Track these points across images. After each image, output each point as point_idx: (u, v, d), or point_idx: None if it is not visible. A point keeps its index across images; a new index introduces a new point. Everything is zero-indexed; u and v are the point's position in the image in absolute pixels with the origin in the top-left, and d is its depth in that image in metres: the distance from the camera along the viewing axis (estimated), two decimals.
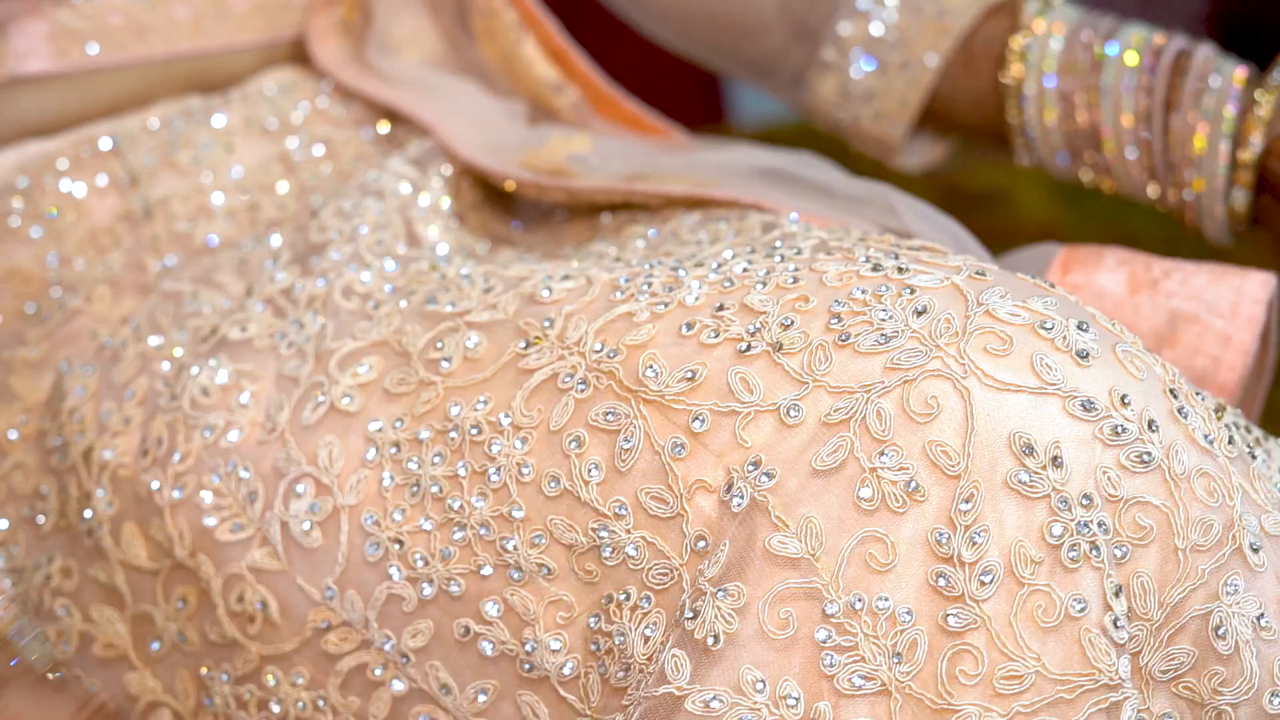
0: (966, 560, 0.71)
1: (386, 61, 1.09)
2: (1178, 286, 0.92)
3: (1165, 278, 0.93)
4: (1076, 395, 0.73)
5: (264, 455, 0.83)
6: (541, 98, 1.11)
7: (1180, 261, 0.94)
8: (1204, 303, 0.92)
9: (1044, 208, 2.60)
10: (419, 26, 1.13)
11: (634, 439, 0.76)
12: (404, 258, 0.89)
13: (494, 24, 1.10)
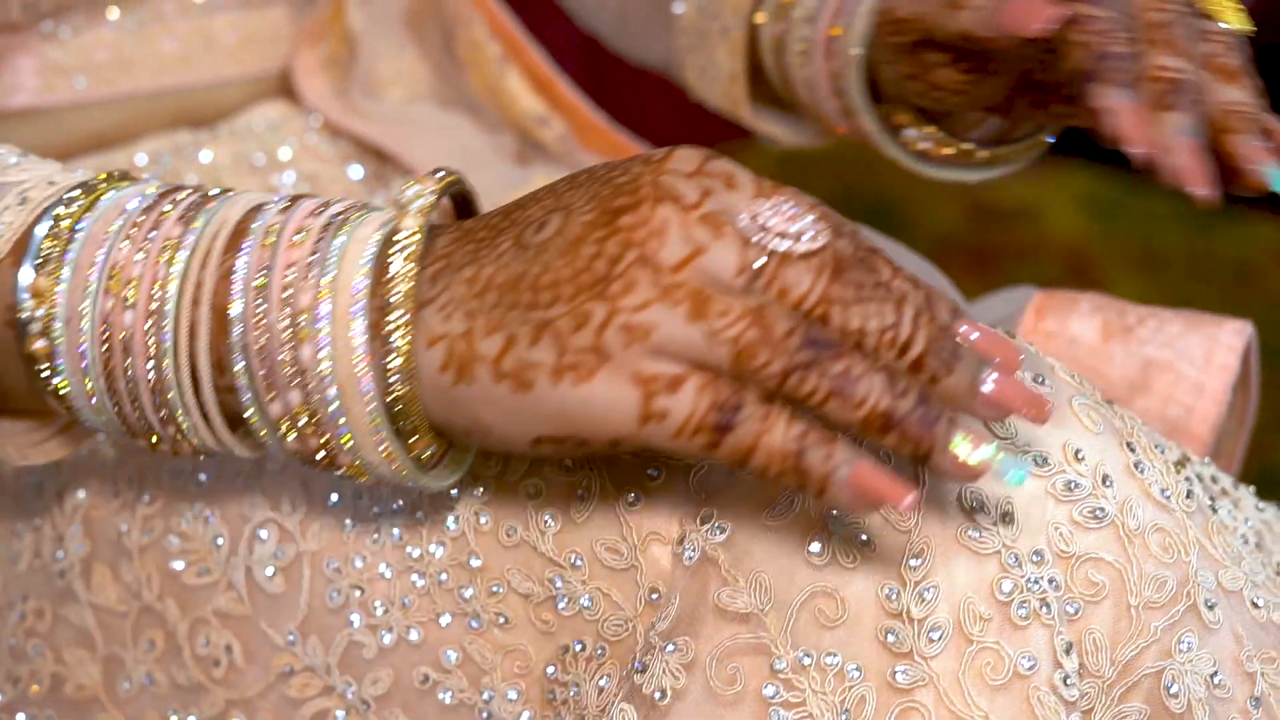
0: (915, 616, 0.72)
1: (370, 102, 1.11)
2: (1152, 334, 0.94)
3: (1140, 325, 0.94)
4: (1029, 450, 0.74)
5: (230, 499, 0.85)
6: (527, 130, 1.13)
7: (1155, 308, 0.96)
8: (1178, 351, 0.93)
9: (1071, 224, 2.61)
10: (404, 61, 1.15)
11: (590, 489, 0.78)
12: None
13: (478, 56, 1.12)
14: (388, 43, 1.14)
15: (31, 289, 0.74)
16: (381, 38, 1.14)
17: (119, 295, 0.73)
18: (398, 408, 0.72)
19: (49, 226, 0.75)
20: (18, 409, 0.81)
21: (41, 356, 0.75)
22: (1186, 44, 0.78)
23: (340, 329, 0.71)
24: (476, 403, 0.71)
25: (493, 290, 0.71)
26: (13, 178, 0.77)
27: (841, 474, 0.67)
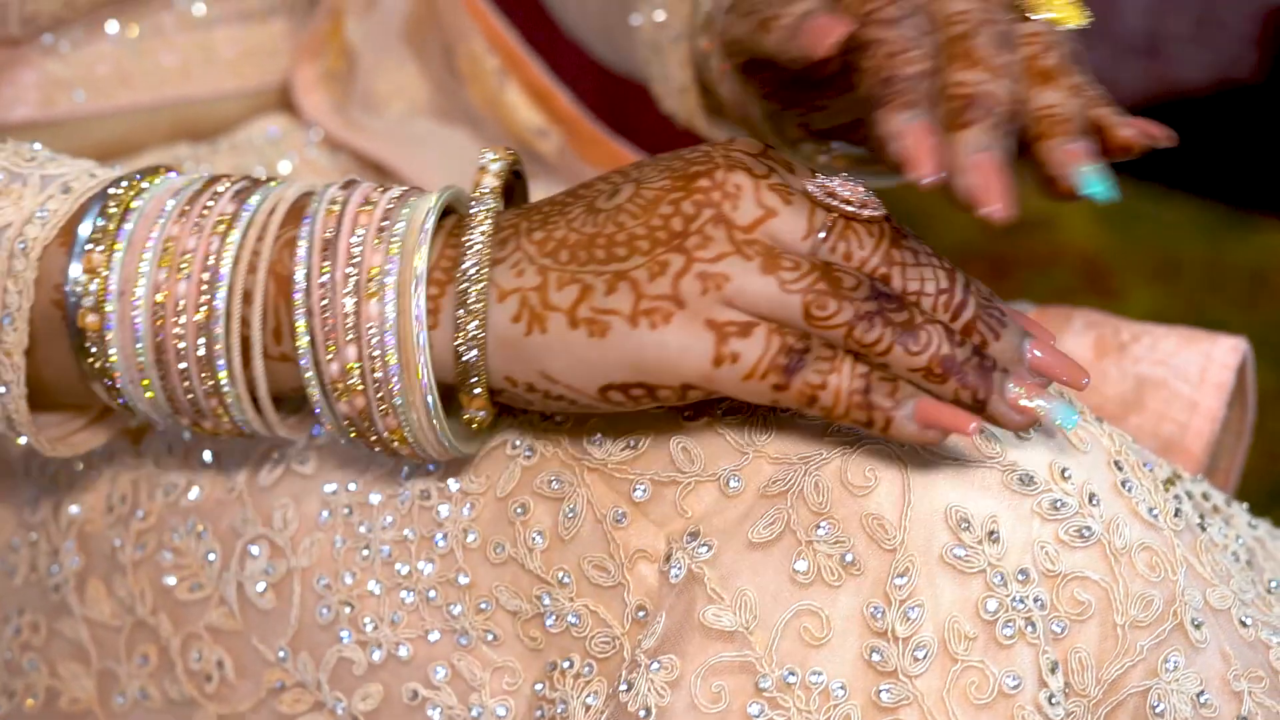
0: (900, 635, 0.73)
1: (369, 117, 1.12)
2: (1146, 351, 0.94)
3: (1134, 342, 0.95)
4: (1015, 469, 0.75)
5: (222, 515, 0.86)
6: (526, 142, 1.14)
7: (1150, 325, 0.96)
8: (1172, 368, 0.94)
9: (1086, 234, 2.62)
10: (404, 75, 1.16)
11: (577, 507, 0.78)
12: None
13: (477, 69, 1.13)
14: (387, 57, 1.15)
15: (85, 264, 0.78)
16: (380, 52, 1.15)
17: (173, 266, 0.77)
18: (461, 365, 0.76)
19: (100, 208, 0.78)
20: (53, 404, 0.83)
21: (92, 331, 0.78)
22: (991, 53, 0.71)
23: (405, 285, 0.75)
24: (548, 352, 0.75)
25: (565, 249, 0.75)
26: (53, 170, 0.80)
27: (907, 408, 0.72)
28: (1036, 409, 0.73)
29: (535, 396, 0.77)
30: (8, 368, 0.79)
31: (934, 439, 0.73)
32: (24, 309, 0.79)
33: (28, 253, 0.78)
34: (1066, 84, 0.73)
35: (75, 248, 0.78)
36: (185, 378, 0.78)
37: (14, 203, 0.79)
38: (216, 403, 0.79)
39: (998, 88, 0.71)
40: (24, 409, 0.81)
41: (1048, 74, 0.73)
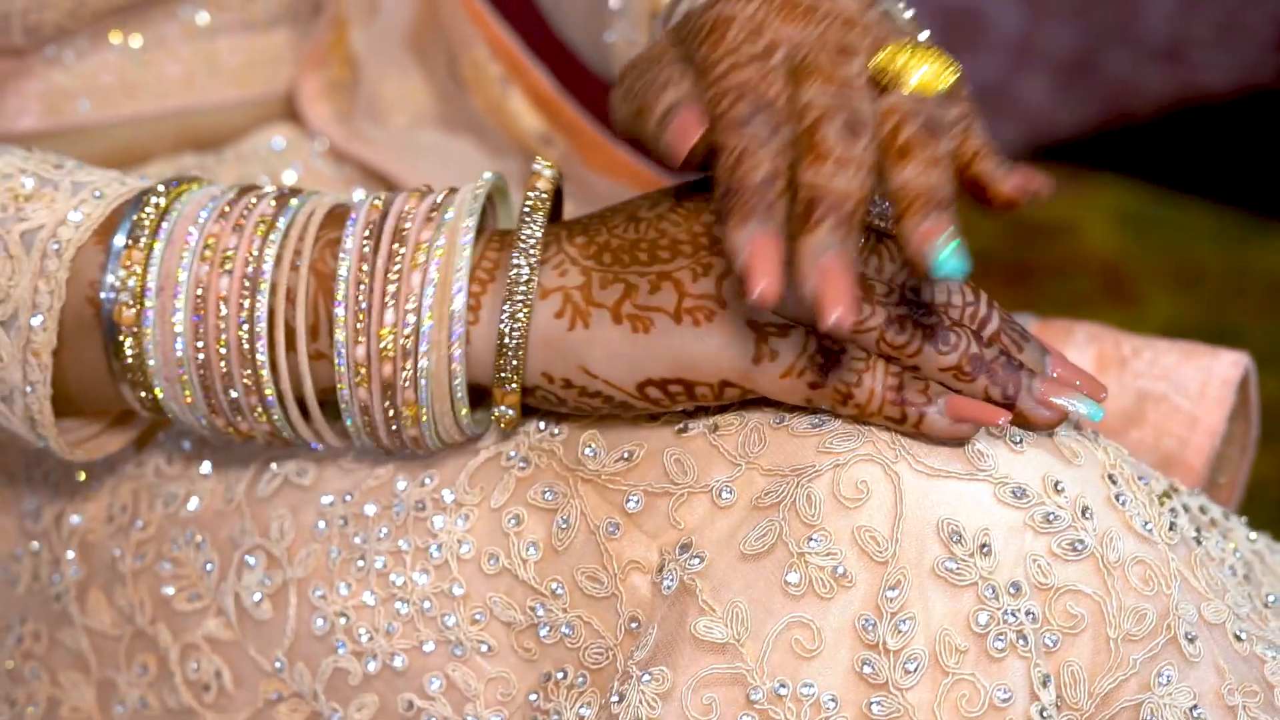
0: (892, 648, 0.74)
1: (375, 127, 1.13)
2: (1146, 366, 0.95)
3: (1135, 356, 0.95)
4: (1007, 482, 0.76)
5: (221, 526, 0.87)
6: (530, 149, 1.14)
7: (1152, 339, 0.97)
8: (1172, 383, 0.94)
9: (1108, 240, 2.62)
10: (408, 84, 1.17)
11: (570, 518, 0.79)
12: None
13: (480, 76, 1.14)
14: (391, 67, 1.16)
15: (123, 260, 0.80)
16: (385, 62, 1.15)
17: (215, 262, 0.80)
18: (501, 358, 0.78)
19: (137, 211, 0.81)
20: (73, 410, 0.85)
21: (128, 326, 0.80)
22: (839, 144, 0.70)
23: (447, 264, 0.79)
24: (589, 346, 0.78)
25: (608, 252, 0.79)
26: (82, 178, 0.83)
27: (939, 404, 0.75)
28: (1064, 405, 0.77)
29: (570, 394, 0.79)
30: (35, 367, 0.81)
31: (966, 433, 0.76)
32: (55, 309, 0.80)
33: (60, 253, 0.80)
34: (923, 157, 0.70)
35: (112, 246, 0.80)
36: (226, 374, 0.80)
37: (46, 205, 0.81)
38: (256, 400, 0.81)
39: (844, 182, 0.69)
40: (48, 410, 0.82)
41: (904, 149, 0.71)
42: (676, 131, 0.74)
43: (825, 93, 0.71)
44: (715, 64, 0.73)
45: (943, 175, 0.71)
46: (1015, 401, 0.77)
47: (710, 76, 0.73)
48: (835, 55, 0.73)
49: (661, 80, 0.76)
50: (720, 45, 0.74)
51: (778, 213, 0.70)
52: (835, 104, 0.71)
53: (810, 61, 0.73)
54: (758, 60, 0.73)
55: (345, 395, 0.80)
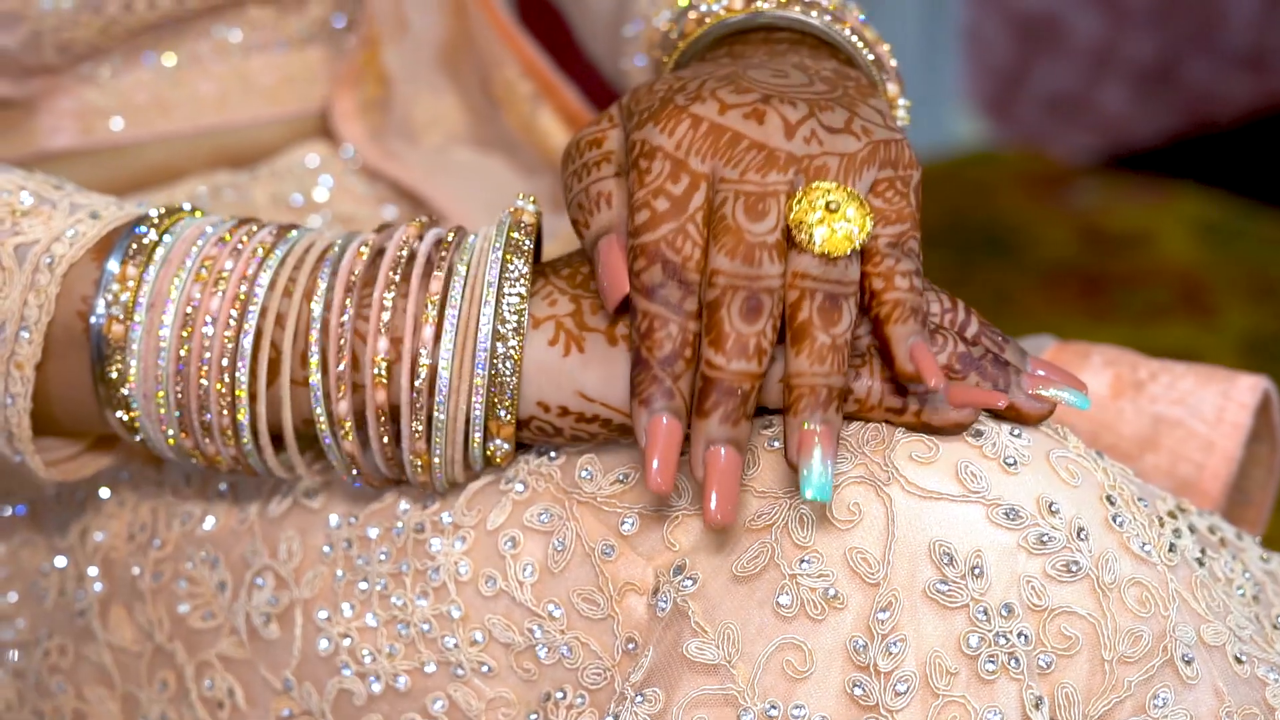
0: (883, 669, 0.75)
1: (408, 146, 1.15)
2: (1163, 390, 0.95)
3: (1152, 380, 0.95)
4: (1000, 503, 0.77)
5: (234, 545, 0.89)
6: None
7: (1170, 362, 0.97)
8: (1189, 407, 0.94)
9: (1185, 250, 2.61)
10: (442, 105, 1.19)
11: (566, 540, 0.81)
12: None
13: (511, 94, 1.16)
14: (424, 86, 1.18)
15: (118, 275, 0.82)
16: (417, 80, 1.17)
17: (209, 282, 0.81)
18: (495, 390, 0.79)
19: (135, 230, 0.83)
20: (53, 428, 0.87)
21: (115, 340, 0.82)
22: (736, 328, 0.75)
23: (469, 315, 0.80)
24: (585, 370, 0.79)
25: (595, 280, 0.80)
26: (80, 200, 0.85)
27: (931, 399, 0.78)
28: (1052, 395, 0.79)
29: (567, 421, 0.80)
30: (17, 380, 0.83)
31: (969, 418, 0.78)
32: (42, 322, 0.82)
33: (53, 268, 0.82)
34: (817, 346, 0.75)
35: (107, 264, 0.82)
36: (203, 393, 0.82)
37: (43, 222, 0.83)
38: (229, 421, 0.82)
39: (741, 365, 0.74)
40: (26, 424, 0.84)
41: (799, 332, 0.75)
42: (606, 277, 0.77)
43: (733, 261, 0.75)
44: (638, 206, 0.77)
45: (833, 363, 0.75)
46: (1006, 394, 0.79)
47: (633, 223, 0.77)
48: (748, 210, 0.76)
49: (594, 195, 0.80)
50: (645, 181, 0.77)
51: (679, 393, 0.75)
52: (739, 278, 0.75)
53: (724, 217, 0.76)
54: (675, 210, 0.76)
55: (323, 421, 0.82)
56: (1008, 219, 2.73)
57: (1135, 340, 2.31)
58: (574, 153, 0.81)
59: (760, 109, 0.77)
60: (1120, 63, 3.03)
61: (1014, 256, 2.62)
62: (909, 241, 0.78)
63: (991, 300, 2.47)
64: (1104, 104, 3.04)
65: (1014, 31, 3.02)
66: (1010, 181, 2.85)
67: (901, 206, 0.78)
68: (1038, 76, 3.04)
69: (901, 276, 0.77)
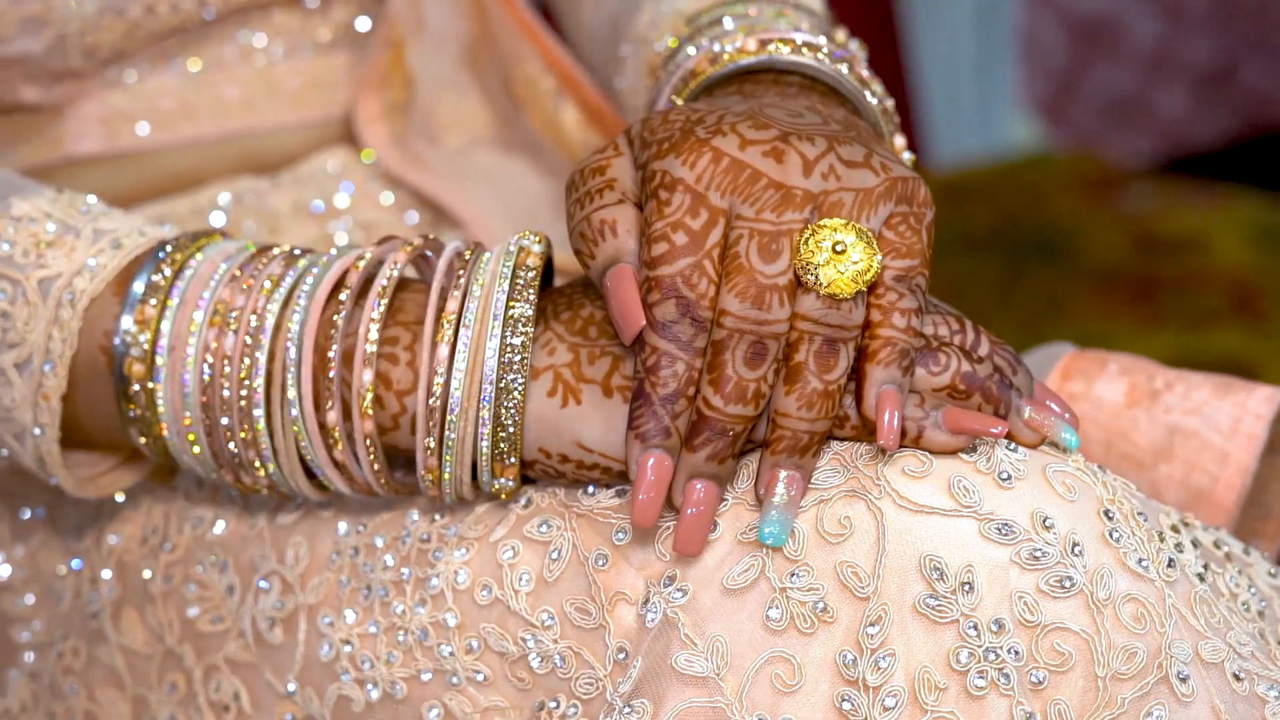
0: (871, 684, 0.75)
1: (430, 148, 1.15)
2: (1178, 400, 0.94)
3: (1167, 390, 0.95)
4: (993, 518, 0.77)
5: (244, 550, 0.90)
6: None
7: (1186, 372, 0.96)
8: (1204, 418, 0.94)
9: (1239, 254, 2.59)
10: (466, 104, 1.19)
11: (562, 550, 0.81)
12: None
13: (534, 91, 1.16)
14: (448, 86, 1.18)
15: (137, 315, 0.84)
16: (441, 81, 1.17)
17: (223, 324, 0.83)
18: (498, 436, 0.81)
19: (154, 264, 0.85)
20: (83, 441, 0.89)
21: (137, 379, 0.84)
22: (737, 373, 0.76)
23: (477, 347, 0.81)
24: (583, 422, 0.80)
25: (594, 326, 0.82)
26: (105, 225, 0.87)
27: (935, 416, 0.78)
28: (1044, 425, 0.80)
29: (568, 468, 0.82)
30: (44, 411, 0.85)
31: (961, 445, 0.78)
32: (65, 356, 0.84)
33: (74, 303, 0.84)
34: (809, 390, 0.77)
35: (128, 299, 0.84)
36: (227, 428, 0.84)
37: (65, 254, 0.85)
38: (254, 454, 0.84)
39: (736, 409, 0.76)
40: (56, 451, 0.86)
41: (792, 374, 0.77)
42: (621, 314, 0.78)
43: (743, 304, 0.76)
44: (655, 238, 0.78)
45: (821, 409, 0.77)
46: (1005, 420, 0.79)
47: (650, 253, 0.78)
48: (762, 251, 0.77)
49: (596, 224, 0.80)
50: (665, 212, 0.78)
51: (675, 431, 0.77)
52: (747, 321, 0.76)
53: (737, 256, 0.77)
54: (693, 245, 0.77)
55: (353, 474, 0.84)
56: (1060, 223, 2.71)
57: (1186, 346, 2.31)
58: (577, 181, 0.82)
59: (780, 147, 0.78)
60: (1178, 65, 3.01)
61: (1066, 261, 2.61)
62: (916, 278, 0.78)
63: (1042, 305, 2.46)
64: (1161, 107, 3.02)
65: (1070, 34, 3.01)
66: (1064, 185, 2.84)
67: (913, 242, 0.79)
68: (1094, 79, 3.02)
69: (900, 314, 0.77)
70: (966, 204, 2.84)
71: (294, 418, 0.82)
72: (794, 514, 0.77)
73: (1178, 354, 2.32)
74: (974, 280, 2.61)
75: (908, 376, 0.78)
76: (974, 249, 2.69)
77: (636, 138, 0.81)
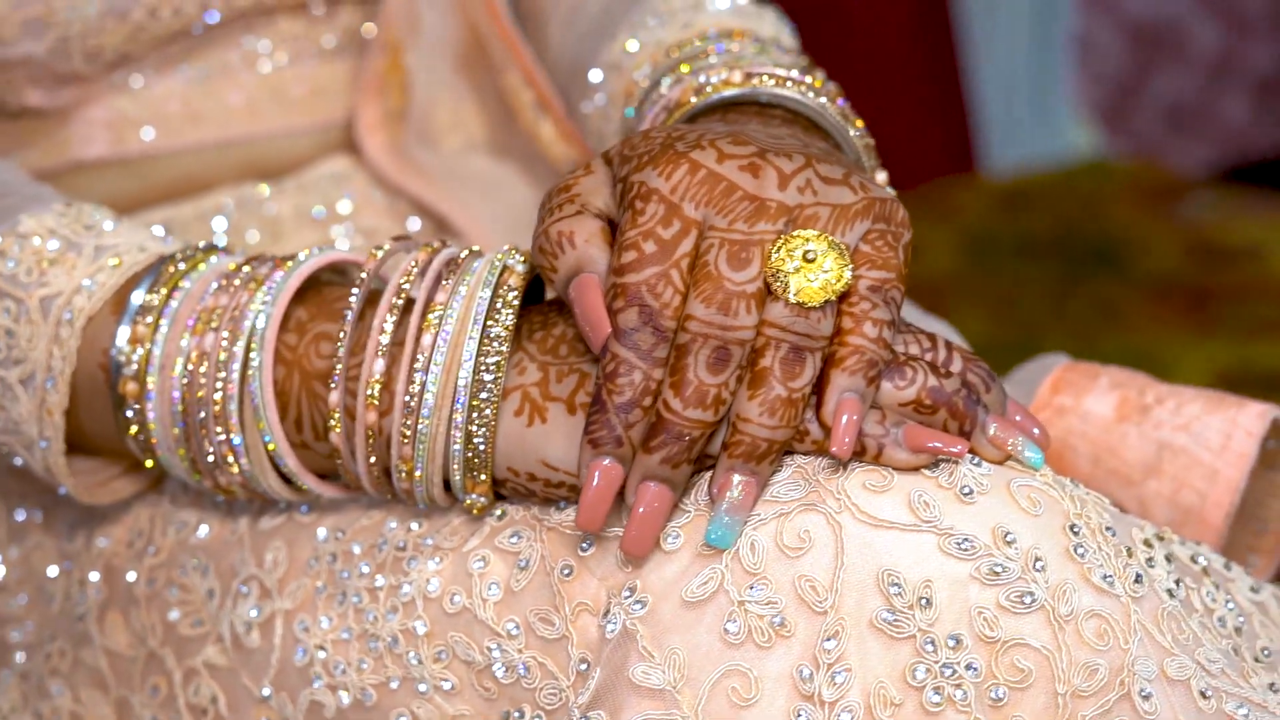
0: (827, 699, 0.75)
1: (426, 152, 1.16)
2: (1169, 415, 0.94)
3: (1158, 405, 0.95)
4: (953, 533, 0.77)
5: (225, 554, 0.91)
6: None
7: (1178, 387, 0.96)
8: (1194, 434, 0.93)
9: None
10: (463, 109, 1.20)
11: (531, 560, 0.82)
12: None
13: (516, 102, 1.17)
14: (444, 90, 1.19)
15: (131, 334, 0.86)
16: (437, 84, 1.18)
17: (206, 324, 0.86)
18: (469, 453, 0.82)
19: (151, 282, 0.87)
20: (91, 448, 0.92)
21: (131, 398, 0.87)
22: (699, 377, 0.77)
23: (455, 345, 0.82)
24: (548, 441, 0.81)
25: (565, 344, 0.83)
26: (108, 241, 0.89)
27: (896, 433, 0.78)
28: (1007, 443, 0.79)
29: (537, 486, 0.83)
30: (49, 425, 0.88)
31: (922, 463, 0.78)
32: (66, 373, 0.87)
33: (73, 322, 0.87)
34: (771, 396, 0.77)
35: (124, 318, 0.87)
36: (204, 425, 0.86)
37: (66, 272, 0.88)
38: (227, 450, 0.86)
39: (695, 414, 0.77)
40: (62, 463, 0.89)
41: (756, 379, 0.77)
42: (591, 321, 0.78)
43: (708, 309, 0.77)
44: (626, 245, 0.78)
45: (783, 417, 0.77)
46: (969, 438, 0.79)
47: (618, 260, 0.78)
48: (731, 259, 0.77)
49: (554, 236, 0.81)
50: (637, 221, 0.79)
51: (628, 441, 0.77)
52: (712, 327, 0.77)
53: (705, 264, 0.77)
54: (661, 254, 0.78)
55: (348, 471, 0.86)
56: (1117, 231, 2.70)
57: (1240, 355, 2.30)
58: (545, 201, 0.83)
59: (757, 163, 0.79)
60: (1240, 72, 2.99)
61: (1121, 269, 2.60)
62: (891, 291, 0.79)
63: (1096, 314, 2.45)
64: (1222, 114, 3.00)
65: (1129, 40, 3.00)
66: (1121, 193, 2.83)
67: (890, 257, 0.79)
68: (1154, 86, 3.01)
69: (872, 324, 0.78)
70: (1023, 211, 2.83)
71: (254, 406, 0.84)
72: (744, 518, 0.77)
73: (1231, 364, 2.30)
74: (1028, 288, 2.60)
75: (872, 388, 0.78)
76: (1030, 256, 2.68)
77: (616, 155, 0.82)
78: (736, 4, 1.04)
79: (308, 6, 1.11)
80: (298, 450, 0.86)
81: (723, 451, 0.78)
